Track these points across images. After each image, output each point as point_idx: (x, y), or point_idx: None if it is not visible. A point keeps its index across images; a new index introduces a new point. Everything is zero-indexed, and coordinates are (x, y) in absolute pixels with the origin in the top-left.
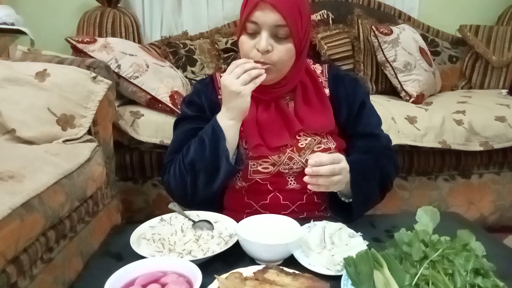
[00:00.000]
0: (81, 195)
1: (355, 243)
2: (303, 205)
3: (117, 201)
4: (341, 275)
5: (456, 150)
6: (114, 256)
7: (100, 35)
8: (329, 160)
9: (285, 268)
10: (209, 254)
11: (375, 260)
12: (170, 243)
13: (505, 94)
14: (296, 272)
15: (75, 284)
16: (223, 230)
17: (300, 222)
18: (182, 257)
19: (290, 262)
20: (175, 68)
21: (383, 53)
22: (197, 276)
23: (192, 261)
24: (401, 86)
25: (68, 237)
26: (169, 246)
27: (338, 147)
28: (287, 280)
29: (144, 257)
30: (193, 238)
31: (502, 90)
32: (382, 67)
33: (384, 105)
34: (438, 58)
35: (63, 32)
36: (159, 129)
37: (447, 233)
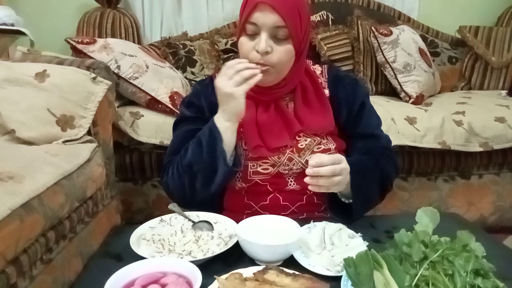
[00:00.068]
0: (80, 196)
1: (355, 243)
2: (303, 205)
3: (117, 201)
4: (341, 276)
5: (456, 151)
6: (114, 257)
7: (100, 36)
8: (329, 160)
9: (285, 269)
10: (209, 255)
11: (375, 261)
12: (170, 243)
13: (504, 95)
14: (296, 272)
15: (75, 285)
16: (223, 231)
17: (300, 223)
18: (182, 257)
19: (290, 262)
20: (175, 69)
21: (382, 54)
22: (197, 277)
23: (192, 261)
24: (400, 87)
25: (67, 237)
26: (169, 247)
27: (338, 148)
28: (287, 280)
29: (144, 257)
30: (193, 239)
31: (502, 91)
32: (382, 68)
33: (383, 105)
34: (438, 59)
35: (63, 32)
36: (159, 129)
37: (447, 233)
